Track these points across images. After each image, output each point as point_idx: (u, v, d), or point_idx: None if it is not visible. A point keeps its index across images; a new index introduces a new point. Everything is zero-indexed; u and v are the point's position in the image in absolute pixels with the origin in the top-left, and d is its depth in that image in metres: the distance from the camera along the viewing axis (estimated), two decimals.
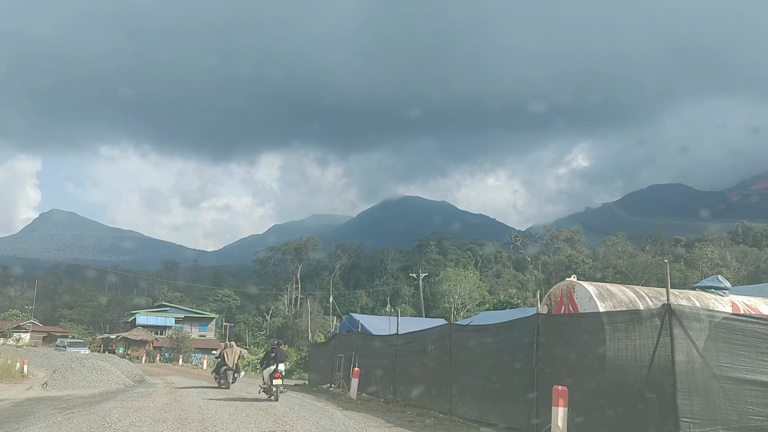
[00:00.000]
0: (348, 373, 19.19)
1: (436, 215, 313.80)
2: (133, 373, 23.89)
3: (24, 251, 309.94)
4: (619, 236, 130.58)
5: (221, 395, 17.61)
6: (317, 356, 25.08)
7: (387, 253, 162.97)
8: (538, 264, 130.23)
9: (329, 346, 23.24)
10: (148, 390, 19.48)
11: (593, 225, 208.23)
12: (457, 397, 12.71)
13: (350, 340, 20.46)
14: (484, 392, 11.62)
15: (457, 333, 13.07)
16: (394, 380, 16.07)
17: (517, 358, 10.57)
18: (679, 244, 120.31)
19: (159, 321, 62.83)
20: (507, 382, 10.84)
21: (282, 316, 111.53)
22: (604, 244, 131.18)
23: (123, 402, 15.25)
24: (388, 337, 17.49)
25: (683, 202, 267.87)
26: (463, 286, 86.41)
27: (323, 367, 23.56)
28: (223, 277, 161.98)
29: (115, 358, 26.40)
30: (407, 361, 15.77)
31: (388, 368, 16.63)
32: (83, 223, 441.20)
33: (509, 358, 10.83)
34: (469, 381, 12.38)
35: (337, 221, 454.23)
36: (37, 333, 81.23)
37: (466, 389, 12.43)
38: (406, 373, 15.73)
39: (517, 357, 10.55)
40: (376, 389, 16.89)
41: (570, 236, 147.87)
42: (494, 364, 11.39)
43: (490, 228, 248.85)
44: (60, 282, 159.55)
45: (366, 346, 18.66)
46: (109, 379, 21.56)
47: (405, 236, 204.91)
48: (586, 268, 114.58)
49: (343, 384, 19.26)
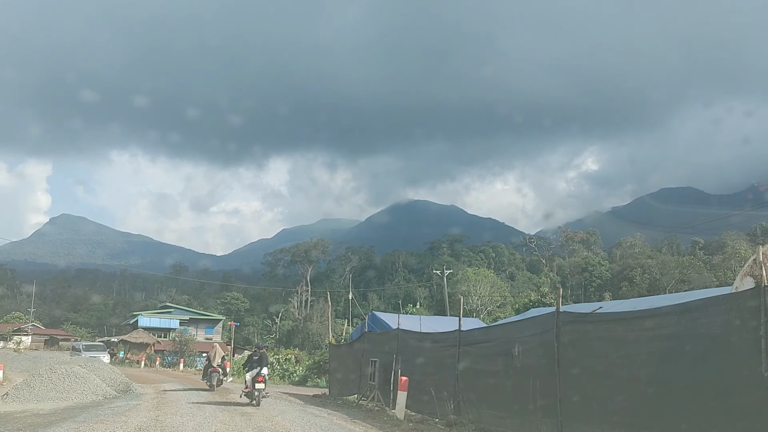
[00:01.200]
0: (386, 382, 14.87)
1: (445, 219, 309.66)
2: (117, 382, 19.64)
3: (34, 255, 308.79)
4: (637, 237, 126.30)
5: (217, 413, 13.36)
6: (339, 361, 20.67)
7: (398, 255, 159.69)
8: (553, 266, 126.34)
9: (355, 349, 18.90)
10: (128, 404, 15.24)
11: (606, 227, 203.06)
12: (576, 420, 8.37)
13: (386, 341, 16.11)
14: (637, 413, 7.27)
15: (575, 326, 8.70)
16: (455, 394, 11.73)
17: (715, 362, 6.21)
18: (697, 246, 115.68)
19: (162, 323, 58.69)
20: (685, 399, 6.50)
21: (292, 319, 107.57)
22: (621, 246, 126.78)
23: (84, 423, 11.02)
24: (445, 335, 13.09)
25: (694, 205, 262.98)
26: (483, 286, 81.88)
27: (348, 374, 19.22)
28: (231, 280, 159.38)
29: (99, 363, 22.11)
30: (477, 367, 11.42)
31: (446, 377, 12.29)
32: (93, 227, 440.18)
33: (694, 362, 6.48)
34: (601, 395, 8.02)
35: (345, 225, 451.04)
36: (38, 336, 77.49)
37: (593, 408, 8.06)
38: (475, 383, 11.39)
39: (717, 360, 6.20)
40: (428, 406, 12.55)
41: (586, 237, 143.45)
42: (659, 375, 6.98)
43: (499, 232, 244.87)
44: (69, 286, 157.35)
45: (411, 348, 14.26)
46: (86, 389, 17.34)
47: (414, 240, 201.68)
48: (603, 270, 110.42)
49: (379, 397, 14.89)
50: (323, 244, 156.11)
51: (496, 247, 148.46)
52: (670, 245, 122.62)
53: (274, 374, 33.97)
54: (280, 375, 34.11)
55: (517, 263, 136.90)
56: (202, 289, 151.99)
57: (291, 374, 34.28)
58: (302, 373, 34.26)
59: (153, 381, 24.89)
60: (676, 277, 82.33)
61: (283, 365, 35.53)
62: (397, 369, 14.12)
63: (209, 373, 20.96)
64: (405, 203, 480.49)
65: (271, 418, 12.20)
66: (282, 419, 12.11)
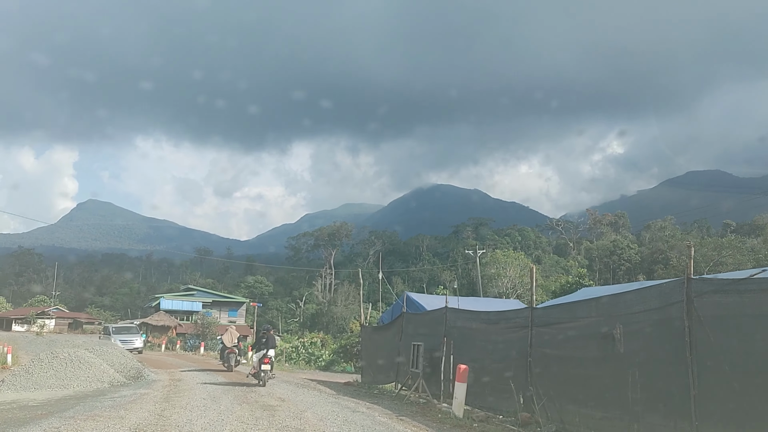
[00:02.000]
0: (432, 370, 12.58)
1: (469, 203, 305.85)
2: (128, 367, 17.71)
3: (62, 240, 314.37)
4: (667, 220, 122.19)
5: (234, 406, 11.23)
6: (373, 345, 18.40)
7: (422, 239, 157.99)
8: (581, 249, 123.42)
9: (392, 332, 16.61)
10: (135, 393, 13.24)
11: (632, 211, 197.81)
12: (719, 427, 5.97)
13: (431, 322, 13.77)
14: None
15: (718, 297, 6.24)
16: (527, 386, 9.38)
17: None
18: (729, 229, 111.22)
19: (185, 306, 57.32)
20: None
21: (316, 303, 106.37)
22: (650, 229, 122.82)
23: (71, 420, 8.98)
24: (511, 314, 10.67)
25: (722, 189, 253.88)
26: (513, 268, 79.03)
27: (383, 360, 16.97)
28: (255, 264, 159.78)
29: (108, 346, 20.25)
30: (557, 354, 9.02)
31: (513, 366, 9.92)
32: (119, 212, 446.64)
33: None
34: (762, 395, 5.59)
35: (368, 210, 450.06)
36: (62, 319, 77.38)
37: (746, 411, 5.64)
38: (555, 374, 9.01)
39: None
40: (489, 400, 10.24)
41: (614, 220, 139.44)
42: None
43: (523, 216, 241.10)
44: (96, 270, 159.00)
45: (463, 331, 11.89)
46: (90, 376, 15.43)
47: (437, 225, 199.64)
48: (632, 253, 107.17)
49: (425, 387, 12.60)
50: (346, 227, 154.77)
51: (522, 230, 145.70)
52: (699, 228, 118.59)
53: (299, 359, 32.06)
54: (306, 360, 32.13)
55: (544, 246, 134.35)
56: (226, 273, 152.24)
57: (317, 359, 32.28)
58: (329, 358, 32.25)
59: (170, 366, 23.06)
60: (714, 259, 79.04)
61: (308, 349, 33.54)
62: (447, 355, 11.79)
63: (226, 354, 21.61)
64: (428, 188, 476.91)
65: (299, 415, 10.00)
66: (312, 416, 9.90)
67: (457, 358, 11.50)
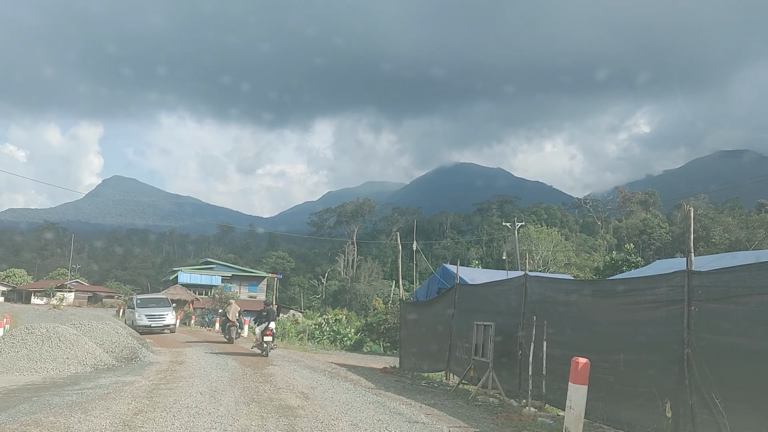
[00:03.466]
0: (506, 359, 9.30)
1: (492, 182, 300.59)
2: (121, 347, 14.75)
3: (88, 216, 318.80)
4: (700, 198, 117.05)
5: (240, 407, 8.08)
6: (416, 324, 15.10)
7: (445, 216, 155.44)
8: (609, 228, 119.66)
9: (441, 307, 13.33)
10: (118, 381, 10.25)
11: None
12: None
13: (501, 296, 10.47)
14: None
15: None
16: (683, 391, 6.06)
17: None
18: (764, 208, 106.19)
19: (204, 279, 54.95)
20: None
21: (338, 279, 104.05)
22: (681, 208, 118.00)
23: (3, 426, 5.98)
24: (649, 281, 7.22)
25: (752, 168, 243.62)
26: (546, 245, 75.29)
27: (430, 342, 13.75)
28: (277, 241, 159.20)
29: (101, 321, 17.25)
30: (745, 343, 5.64)
31: (656, 360, 6.57)
32: (144, 189, 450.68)
33: None
34: None
35: (390, 188, 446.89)
36: (81, 293, 76.15)
37: None
38: (740, 373, 5.66)
39: None
40: (615, 410, 6.93)
41: (644, 198, 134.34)
42: None
43: (546, 195, 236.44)
44: (119, 245, 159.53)
45: (559, 307, 8.52)
46: (70, 357, 12.51)
47: (460, 203, 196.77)
48: (663, 232, 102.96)
49: (496, 382, 9.30)
50: (369, 204, 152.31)
51: (548, 208, 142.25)
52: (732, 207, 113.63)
53: (323, 338, 29.10)
54: (331, 339, 29.15)
55: (571, 225, 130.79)
56: (248, 250, 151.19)
57: (342, 338, 29.29)
58: (355, 337, 29.29)
59: (177, 344, 20.18)
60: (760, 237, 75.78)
61: (332, 327, 30.54)
62: (533, 340, 8.45)
63: (228, 327, 22.53)
64: (450, 166, 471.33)
65: (330, 425, 6.81)
66: (350, 428, 6.70)
67: (550, 346, 8.15)
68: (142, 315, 25.39)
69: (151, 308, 26.18)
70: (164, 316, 25.86)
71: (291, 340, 27.18)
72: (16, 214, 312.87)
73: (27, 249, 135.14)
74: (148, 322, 25.28)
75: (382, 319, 28.90)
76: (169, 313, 26.40)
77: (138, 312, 25.66)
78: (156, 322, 25.42)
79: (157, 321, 25.48)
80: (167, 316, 25.99)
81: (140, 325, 24.70)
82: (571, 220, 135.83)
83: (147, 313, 25.53)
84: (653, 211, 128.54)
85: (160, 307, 26.57)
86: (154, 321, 25.42)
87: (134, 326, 23.95)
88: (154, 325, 25.29)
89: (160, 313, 25.86)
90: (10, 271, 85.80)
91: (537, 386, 8.65)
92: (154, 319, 25.47)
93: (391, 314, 28.58)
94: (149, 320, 25.39)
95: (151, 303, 27.45)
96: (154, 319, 25.45)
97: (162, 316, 25.75)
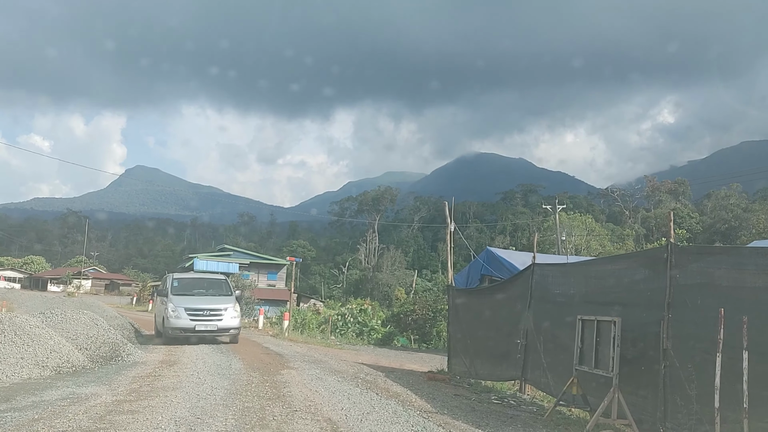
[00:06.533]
0: (639, 373, 6.07)
1: (514, 172, 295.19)
2: (99, 342, 11.75)
3: (111, 205, 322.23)
4: (733, 188, 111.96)
5: None
6: (471, 316, 11.90)
7: (469, 206, 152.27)
8: (638, 218, 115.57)
9: (509, 295, 10.12)
10: (73, 395, 7.23)
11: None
12: None
13: (624, 273, 7.22)
14: None
15: None
16: None
17: None
18: None
19: (220, 267, 52.36)
20: None
21: (359, 269, 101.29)
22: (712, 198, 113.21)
23: None
24: None
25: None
26: (578, 233, 71.36)
27: (490, 341, 10.54)
28: (298, 230, 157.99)
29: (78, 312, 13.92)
30: None
31: None
32: (166, 178, 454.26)
33: None
34: None
35: (411, 178, 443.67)
36: (98, 280, 74.63)
37: None
38: None
39: None
40: None
41: (674, 188, 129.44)
42: None
43: (568, 185, 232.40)
44: (141, 234, 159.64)
45: (744, 293, 5.30)
46: (27, 357, 9.53)
47: (481, 193, 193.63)
48: (693, 222, 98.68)
49: (623, 408, 6.08)
50: (391, 192, 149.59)
51: (574, 197, 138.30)
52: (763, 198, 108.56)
53: (348, 331, 26.01)
54: (357, 332, 26.07)
55: (596, 214, 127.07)
56: (269, 238, 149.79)
57: (370, 331, 26.19)
58: (384, 330, 26.18)
59: None
60: None
61: (357, 318, 27.46)
62: (683, 343, 5.18)
63: None
64: (472, 156, 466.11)
65: None
66: None
67: (728, 356, 4.90)
68: (179, 309, 14.94)
69: (197, 297, 15.85)
70: (220, 312, 15.32)
71: (312, 332, 24.23)
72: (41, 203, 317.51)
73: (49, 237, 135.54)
74: (191, 322, 14.88)
75: (409, 310, 25.94)
76: (229, 306, 15.55)
77: (173, 303, 15.07)
78: (205, 321, 15.06)
79: (206, 320, 15.11)
80: (225, 312, 15.37)
81: (176, 327, 14.86)
82: (597, 210, 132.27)
83: (189, 306, 15.09)
84: (683, 201, 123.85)
85: (213, 296, 16.20)
86: (201, 320, 15.03)
87: (166, 328, 15.04)
88: (201, 328, 15.00)
89: (212, 306, 15.41)
90: (28, 258, 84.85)
91: (698, 420, 5.44)
92: (202, 316, 15.10)
93: (419, 305, 25.75)
94: (192, 318, 14.93)
95: (197, 287, 16.69)
96: (202, 317, 15.08)
97: (216, 312, 15.31)
